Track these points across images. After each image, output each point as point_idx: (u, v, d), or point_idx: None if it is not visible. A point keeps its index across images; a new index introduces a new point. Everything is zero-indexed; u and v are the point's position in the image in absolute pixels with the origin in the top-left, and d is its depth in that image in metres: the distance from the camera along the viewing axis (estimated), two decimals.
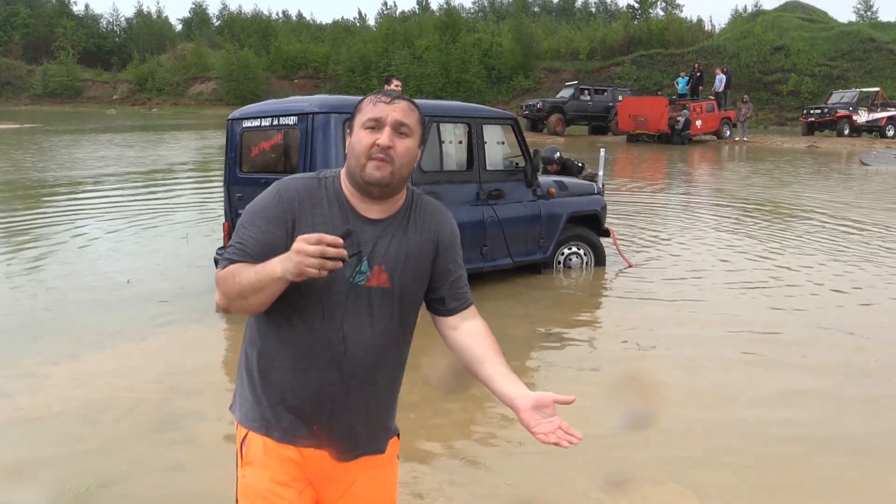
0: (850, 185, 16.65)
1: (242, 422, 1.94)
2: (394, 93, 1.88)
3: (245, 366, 1.97)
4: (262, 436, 1.89)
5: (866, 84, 32.70)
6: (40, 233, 9.93)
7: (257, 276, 1.74)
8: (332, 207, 1.86)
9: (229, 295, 1.81)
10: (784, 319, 6.43)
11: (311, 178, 1.91)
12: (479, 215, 6.85)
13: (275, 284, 1.72)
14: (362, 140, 1.83)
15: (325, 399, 1.87)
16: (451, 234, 2.01)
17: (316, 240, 1.62)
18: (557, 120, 29.09)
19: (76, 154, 21.69)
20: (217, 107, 48.41)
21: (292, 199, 1.85)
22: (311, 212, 1.85)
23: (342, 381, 1.87)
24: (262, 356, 1.91)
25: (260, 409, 1.90)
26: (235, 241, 1.85)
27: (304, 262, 1.62)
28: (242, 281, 1.76)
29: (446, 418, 4.41)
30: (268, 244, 1.81)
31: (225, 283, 1.81)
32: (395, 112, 1.83)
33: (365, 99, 1.88)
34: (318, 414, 1.88)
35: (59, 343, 5.61)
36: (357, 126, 1.86)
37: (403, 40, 49.24)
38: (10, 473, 3.73)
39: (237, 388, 2.01)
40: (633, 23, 49.31)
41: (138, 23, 67.88)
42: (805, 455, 3.99)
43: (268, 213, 1.84)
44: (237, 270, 1.78)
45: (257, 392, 1.91)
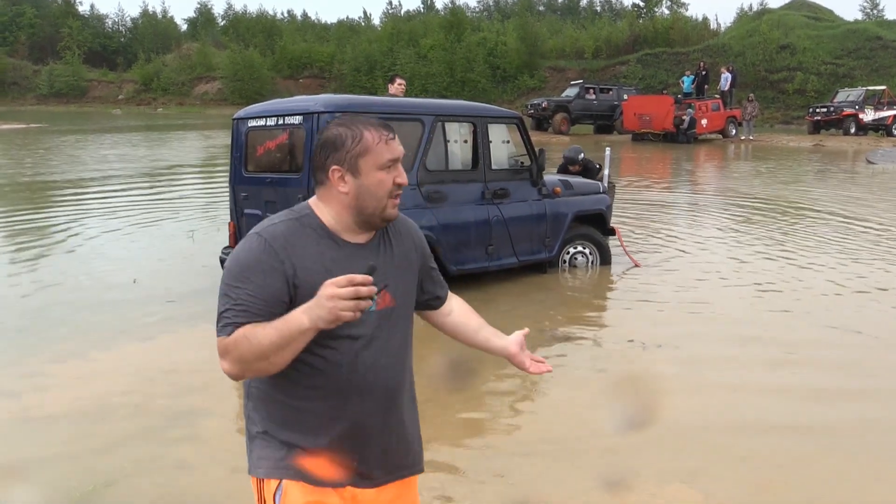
0: (857, 183, 16.59)
1: (272, 473, 1.84)
2: (383, 123, 1.87)
3: (258, 423, 1.89)
4: (297, 482, 1.82)
5: (872, 82, 32.58)
6: (46, 232, 9.96)
7: (279, 334, 1.67)
8: (322, 243, 1.82)
9: (245, 360, 1.71)
10: (791, 318, 6.42)
11: (288, 220, 1.84)
12: (485, 214, 6.84)
13: (303, 337, 1.67)
14: (385, 182, 1.82)
15: (361, 431, 1.85)
16: (421, 236, 2.09)
17: (346, 282, 1.60)
18: (562, 119, 29.06)
19: (81, 154, 21.74)
20: (222, 106, 48.48)
21: (283, 245, 1.78)
22: (304, 254, 1.79)
23: (374, 409, 1.87)
24: (286, 409, 1.84)
25: (292, 458, 1.83)
26: (231, 303, 1.74)
27: (338, 306, 1.59)
28: (262, 342, 1.68)
29: (447, 418, 4.40)
30: (270, 298, 1.74)
31: (238, 349, 1.71)
32: (400, 146, 1.86)
33: (366, 134, 1.82)
34: (355, 447, 1.85)
35: (66, 342, 5.62)
36: (372, 167, 1.81)
37: (408, 40, 49.24)
38: (15, 472, 3.74)
39: (251, 448, 1.92)
40: (638, 21, 49.23)
41: (144, 23, 68.05)
42: (810, 455, 3.98)
43: (262, 266, 1.75)
44: (250, 333, 1.69)
45: (284, 444, 1.84)
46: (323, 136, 1.86)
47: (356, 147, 1.81)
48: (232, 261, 1.80)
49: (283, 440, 1.84)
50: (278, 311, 1.72)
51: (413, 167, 6.31)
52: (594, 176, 8.88)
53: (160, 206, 12.35)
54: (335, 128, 1.84)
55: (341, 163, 1.81)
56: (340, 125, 1.85)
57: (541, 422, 4.39)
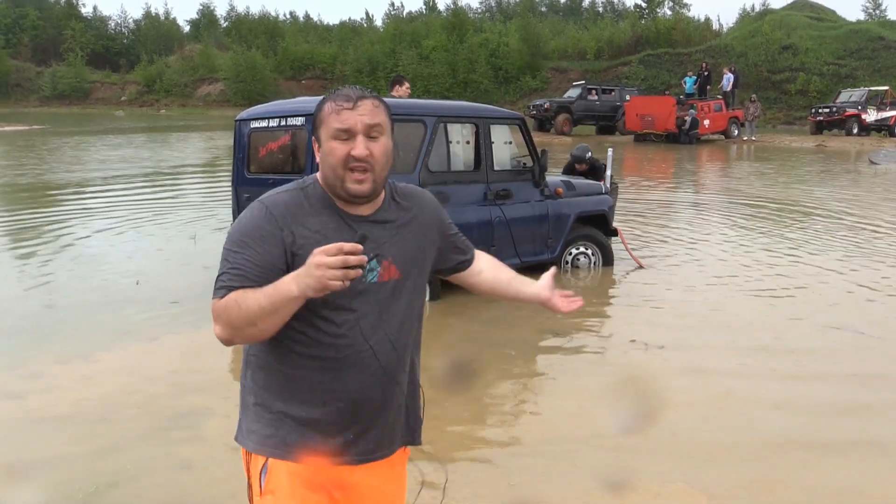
0: (860, 183, 16.58)
1: (258, 449, 1.84)
2: (354, 91, 1.78)
3: (255, 392, 1.88)
4: (285, 461, 1.81)
5: (875, 83, 32.57)
6: (48, 233, 9.98)
7: (269, 300, 1.65)
8: (323, 214, 1.80)
9: (235, 324, 1.70)
10: (794, 318, 6.41)
11: (293, 189, 1.83)
12: (487, 215, 6.85)
13: (291, 304, 1.65)
14: (335, 151, 1.75)
15: (360, 404, 1.83)
16: (437, 206, 2.05)
17: (336, 250, 1.57)
18: (565, 120, 29.10)
19: (84, 155, 21.78)
20: (225, 108, 48.57)
21: (283, 213, 1.77)
22: (304, 223, 1.77)
23: (371, 384, 1.83)
24: (282, 378, 1.83)
25: (281, 434, 1.82)
26: (229, 266, 1.74)
27: (326, 275, 1.57)
28: (251, 307, 1.67)
29: (448, 419, 4.41)
30: (267, 265, 1.72)
31: (228, 313, 1.70)
32: (363, 117, 1.75)
33: (325, 105, 1.78)
34: (349, 422, 1.83)
35: (69, 343, 5.63)
36: (327, 137, 1.77)
37: (410, 41, 49.29)
38: (18, 473, 3.75)
39: (243, 418, 1.92)
40: (640, 22, 49.25)
41: (146, 24, 68.25)
42: (813, 456, 3.97)
43: (261, 233, 1.74)
44: (240, 298, 1.69)
45: (277, 416, 1.83)
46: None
47: (318, 118, 1.79)
48: (234, 226, 1.81)
49: (276, 411, 1.82)
50: (273, 278, 1.70)
51: (415, 168, 6.32)
52: (601, 175, 8.88)
53: (162, 207, 12.36)
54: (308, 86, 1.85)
55: (315, 133, 1.81)
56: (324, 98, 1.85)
57: (542, 422, 4.39)
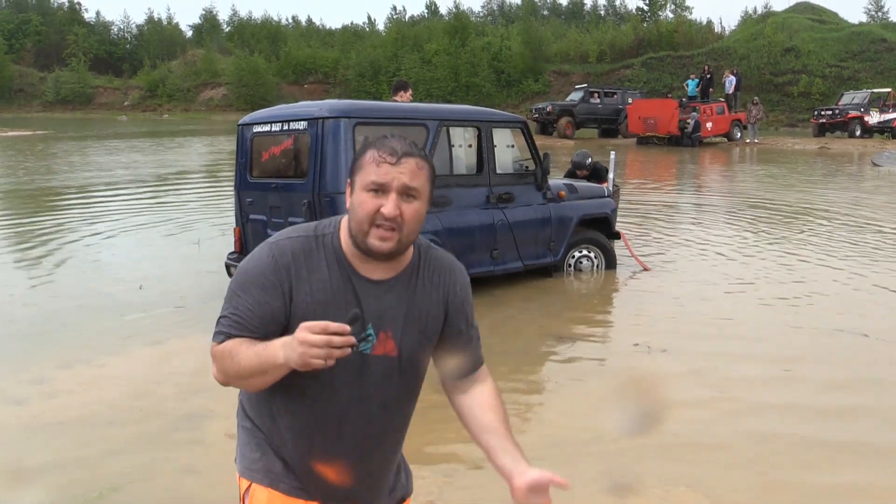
0: (863, 185, 16.57)
1: (244, 473, 1.82)
2: (401, 146, 1.65)
3: (244, 417, 1.87)
4: (266, 488, 1.78)
5: (878, 85, 32.56)
6: (52, 238, 9.99)
7: (258, 360, 1.61)
8: (332, 270, 1.69)
9: (228, 374, 1.68)
10: (798, 320, 6.39)
11: (308, 236, 1.72)
12: (489, 219, 6.85)
13: (277, 370, 1.60)
14: (364, 204, 1.63)
15: (331, 467, 1.79)
16: (462, 291, 1.84)
17: (321, 329, 1.50)
18: (567, 123, 29.10)
19: (87, 160, 21.83)
20: (227, 112, 48.67)
21: (288, 264, 1.68)
22: (308, 278, 1.68)
23: (346, 452, 1.78)
24: (267, 414, 1.80)
25: (265, 462, 1.80)
26: (230, 310, 1.69)
27: (308, 353, 1.50)
28: (242, 363, 1.63)
29: (450, 423, 4.40)
30: (265, 315, 1.67)
31: (223, 362, 1.68)
32: (402, 175, 1.63)
33: (367, 153, 1.66)
34: (322, 482, 1.79)
35: (73, 348, 5.64)
36: (359, 186, 1.66)
37: (413, 45, 49.40)
38: (23, 478, 3.74)
39: (238, 438, 1.89)
40: (642, 25, 49.30)
41: (149, 29, 68.38)
42: (817, 460, 3.96)
43: (263, 281, 1.67)
44: (235, 349, 1.65)
45: (262, 446, 1.81)
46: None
47: (358, 161, 1.69)
48: (241, 268, 1.75)
49: (260, 442, 1.81)
50: (273, 329, 1.66)
51: None
52: (603, 178, 8.88)
53: (166, 211, 12.39)
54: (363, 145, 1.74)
55: (350, 175, 1.71)
56: (369, 140, 1.75)
57: (545, 426, 4.38)
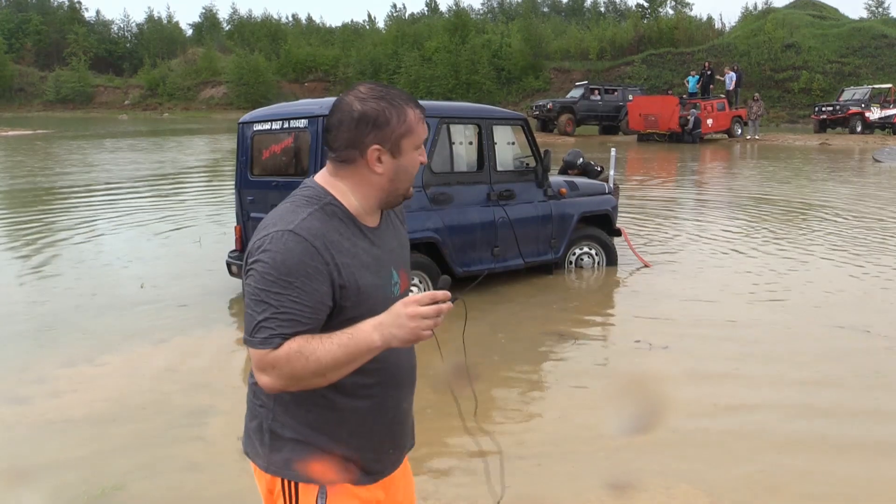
0: (865, 181, 16.55)
1: (313, 478, 1.73)
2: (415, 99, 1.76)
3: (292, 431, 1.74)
4: (343, 485, 1.75)
5: (878, 80, 32.56)
6: (53, 238, 10.00)
7: (345, 351, 1.57)
8: (349, 230, 1.70)
9: (299, 376, 1.58)
10: (800, 317, 6.39)
11: (316, 209, 1.68)
12: (490, 216, 6.85)
13: (370, 354, 1.60)
14: (416, 161, 1.73)
15: (397, 419, 1.86)
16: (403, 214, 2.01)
17: (430, 299, 1.56)
18: (568, 120, 29.10)
19: (88, 159, 21.83)
20: (228, 111, 48.69)
21: (324, 244, 1.63)
22: (340, 249, 1.66)
23: (404, 396, 1.87)
24: (326, 412, 1.73)
25: (334, 459, 1.74)
26: (273, 311, 1.57)
27: (421, 325, 1.54)
28: (322, 359, 1.56)
29: (449, 421, 4.40)
30: (316, 304, 1.60)
31: (291, 365, 1.57)
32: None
33: (408, 111, 1.69)
34: (394, 436, 1.86)
35: (75, 347, 5.64)
36: (410, 147, 1.70)
37: (413, 42, 49.37)
38: (25, 477, 3.75)
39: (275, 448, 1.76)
40: (642, 22, 49.28)
41: (149, 28, 68.38)
42: (818, 458, 3.95)
43: (307, 269, 1.59)
44: (306, 348, 1.57)
45: (324, 448, 1.73)
46: (358, 112, 1.66)
47: (402, 126, 1.67)
48: (268, 263, 1.59)
49: (322, 444, 1.73)
50: (323, 317, 1.62)
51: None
52: (594, 177, 8.89)
53: (166, 210, 12.38)
54: (373, 102, 1.66)
55: (384, 142, 1.67)
56: (379, 99, 1.67)
57: (545, 423, 4.38)
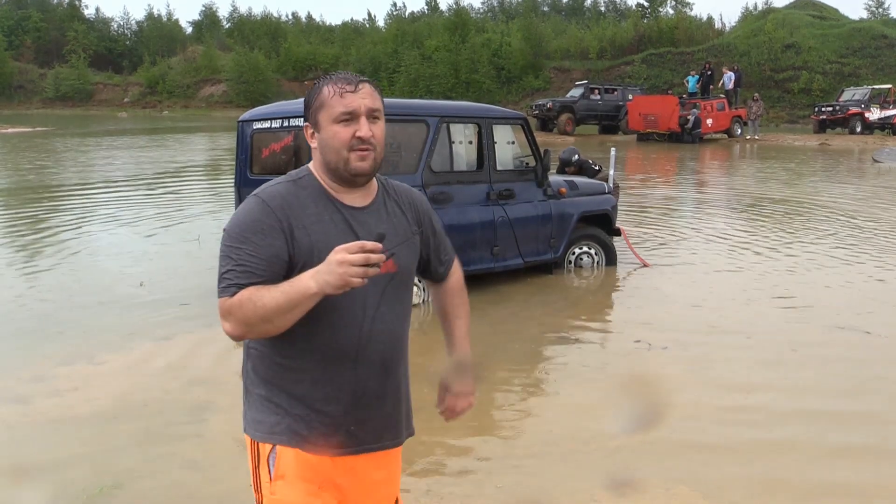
0: (864, 182, 16.56)
1: (266, 438, 1.86)
2: (351, 76, 1.84)
3: (257, 383, 1.89)
4: (292, 448, 1.84)
5: (878, 81, 32.54)
6: (53, 236, 9.99)
7: (286, 297, 1.69)
8: (319, 204, 1.83)
9: (250, 321, 1.72)
10: (800, 317, 6.39)
11: (287, 181, 1.86)
12: (490, 215, 6.84)
13: (309, 301, 1.69)
14: (339, 134, 1.80)
15: (360, 396, 1.86)
16: (425, 206, 2.06)
17: (358, 248, 1.62)
18: (567, 119, 29.10)
19: (88, 157, 21.82)
20: (227, 109, 48.67)
21: (281, 205, 1.80)
22: (301, 214, 1.80)
23: (371, 375, 1.87)
24: (283, 369, 1.85)
25: (287, 422, 1.84)
26: (232, 264, 1.76)
27: (348, 272, 1.61)
28: (267, 304, 1.69)
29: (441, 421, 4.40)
30: (271, 258, 1.75)
31: (242, 311, 1.72)
32: (364, 100, 1.81)
33: (325, 88, 1.82)
34: (355, 412, 1.86)
35: (74, 345, 5.63)
36: (326, 120, 1.81)
37: (413, 41, 49.33)
38: (24, 476, 3.75)
39: (248, 408, 1.93)
40: (642, 21, 49.26)
41: (149, 26, 68.30)
42: (816, 460, 3.94)
43: (261, 226, 1.77)
44: (255, 295, 1.71)
45: (282, 405, 1.85)
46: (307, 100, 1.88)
47: (315, 101, 1.82)
48: (232, 223, 1.83)
49: (280, 402, 1.85)
50: (279, 271, 1.75)
51: (418, 168, 6.32)
52: (592, 175, 8.90)
53: (166, 208, 12.38)
54: (309, 91, 1.87)
55: (308, 119, 1.85)
56: (315, 84, 1.87)
57: (545, 423, 4.38)
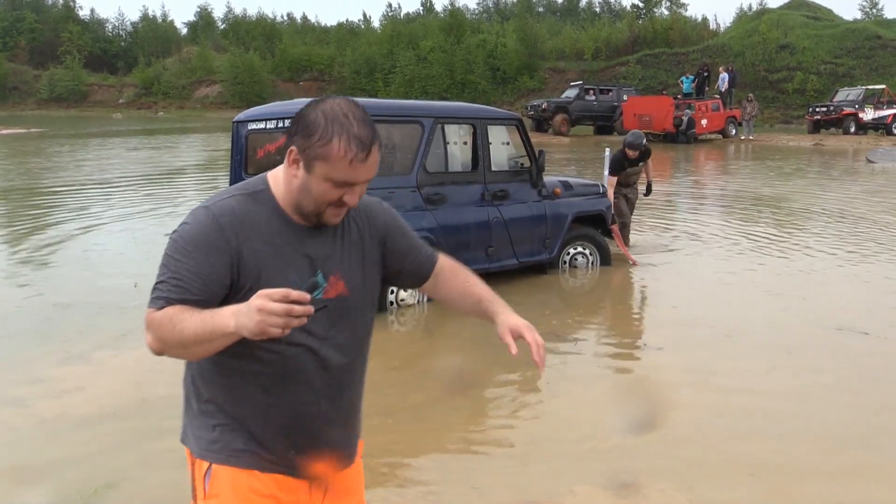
0: (858, 182, 16.60)
1: (203, 455, 1.77)
2: (366, 133, 1.64)
3: (198, 397, 1.79)
4: (229, 467, 1.74)
5: (872, 81, 32.61)
6: (47, 237, 9.97)
7: (204, 328, 1.54)
8: (273, 223, 1.69)
9: (167, 342, 1.59)
10: (794, 319, 6.40)
11: (243, 194, 1.71)
12: (485, 216, 6.86)
13: (226, 339, 1.55)
14: (327, 193, 1.65)
15: (302, 424, 1.76)
16: (387, 215, 1.91)
17: (281, 296, 1.46)
18: (562, 120, 29.12)
19: (82, 158, 21.77)
20: (222, 110, 48.56)
21: (232, 223, 1.64)
22: (253, 234, 1.66)
23: (316, 401, 1.76)
24: (223, 390, 1.75)
25: (225, 440, 1.75)
26: (168, 275, 1.62)
27: (267, 321, 1.46)
28: (185, 330, 1.55)
29: (450, 420, 4.41)
30: (210, 278, 1.61)
31: (161, 329, 1.59)
32: (370, 171, 1.66)
33: (335, 141, 1.61)
34: (295, 440, 1.77)
35: (69, 346, 5.63)
36: (321, 173, 1.63)
37: (408, 42, 49.28)
38: (18, 476, 3.75)
39: (188, 418, 1.83)
40: (637, 22, 49.30)
41: (144, 27, 68.13)
42: (812, 461, 3.95)
43: (207, 242, 1.62)
44: (177, 316, 1.57)
45: (221, 424, 1.76)
46: (303, 111, 1.67)
47: (320, 147, 1.62)
48: (179, 232, 1.68)
49: (220, 422, 1.75)
50: (217, 292, 1.62)
51: (413, 169, 6.33)
52: (646, 160, 9.14)
53: (160, 208, 12.36)
54: (317, 112, 1.65)
55: (301, 151, 1.65)
56: (325, 112, 1.64)
57: (540, 423, 4.39)
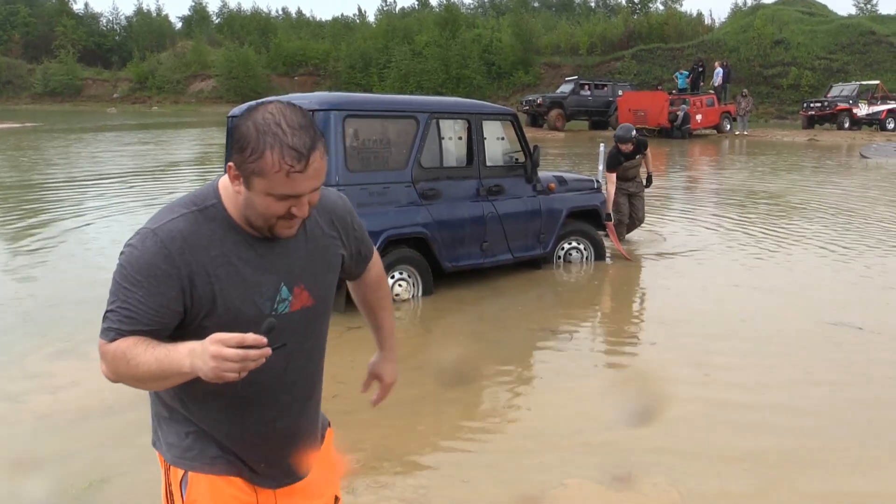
0: (852, 177, 16.63)
1: (177, 462, 1.75)
2: (304, 140, 1.52)
3: (167, 408, 1.78)
4: (206, 475, 1.73)
5: (866, 77, 32.68)
6: (42, 233, 9.95)
7: (159, 367, 1.50)
8: (227, 241, 1.61)
9: (122, 376, 1.57)
10: (791, 312, 6.42)
11: (193, 211, 1.61)
12: (479, 211, 6.86)
13: (181, 378, 1.52)
14: (271, 207, 1.56)
15: (268, 437, 1.76)
16: (345, 209, 1.84)
17: (237, 342, 1.42)
18: (558, 115, 29.10)
19: (77, 153, 21.71)
20: (217, 104, 48.43)
21: (181, 249, 1.57)
22: (206, 256, 1.59)
23: (282, 414, 1.76)
24: (189, 406, 1.73)
25: (199, 448, 1.74)
26: (118, 304, 1.56)
27: (221, 367, 1.42)
28: (139, 367, 1.52)
29: (444, 416, 4.43)
30: (160, 308, 1.55)
31: (115, 363, 1.55)
32: (312, 181, 1.55)
33: (267, 154, 1.50)
34: (261, 452, 1.77)
35: (64, 341, 5.62)
36: (260, 188, 1.53)
37: (403, 36, 49.18)
38: (13, 471, 3.75)
39: (158, 423, 1.82)
40: (632, 17, 49.25)
41: (138, 21, 67.79)
42: (807, 457, 3.95)
43: (155, 273, 1.55)
44: (130, 352, 1.53)
45: (192, 432, 1.75)
46: (236, 122, 1.58)
47: (252, 162, 1.52)
48: (126, 258, 1.58)
49: (189, 431, 1.75)
50: (169, 321, 1.58)
51: (408, 164, 6.33)
52: (644, 150, 9.10)
53: (155, 203, 12.32)
54: (248, 123, 1.54)
55: (238, 166, 1.55)
56: (257, 123, 1.53)
57: (534, 417, 4.40)
